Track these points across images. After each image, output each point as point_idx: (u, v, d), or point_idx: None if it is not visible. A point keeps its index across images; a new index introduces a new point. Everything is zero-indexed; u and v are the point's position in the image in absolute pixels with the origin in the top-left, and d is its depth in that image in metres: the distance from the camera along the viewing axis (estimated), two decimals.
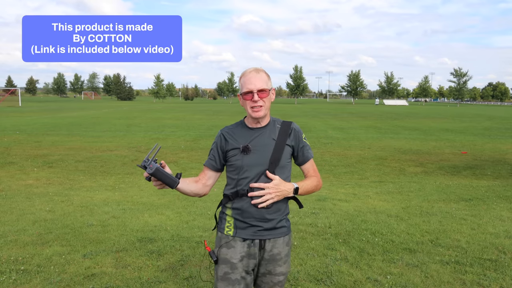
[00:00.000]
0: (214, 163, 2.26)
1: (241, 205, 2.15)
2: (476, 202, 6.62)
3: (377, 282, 3.68)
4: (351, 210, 6.08)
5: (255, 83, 2.13)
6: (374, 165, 10.67)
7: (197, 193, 2.24)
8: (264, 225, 2.15)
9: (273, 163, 2.14)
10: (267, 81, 2.19)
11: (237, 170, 2.17)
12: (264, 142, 2.18)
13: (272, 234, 2.18)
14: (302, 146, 2.28)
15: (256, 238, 2.16)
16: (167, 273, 3.86)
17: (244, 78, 2.18)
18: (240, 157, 2.15)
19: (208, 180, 2.28)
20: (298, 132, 2.27)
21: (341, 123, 26.30)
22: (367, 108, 61.54)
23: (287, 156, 2.21)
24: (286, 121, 2.28)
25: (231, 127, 2.27)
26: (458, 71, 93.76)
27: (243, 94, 2.17)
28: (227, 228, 2.19)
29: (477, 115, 39.05)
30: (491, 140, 16.53)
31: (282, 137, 2.20)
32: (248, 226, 2.15)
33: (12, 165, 10.02)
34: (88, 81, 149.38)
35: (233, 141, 2.20)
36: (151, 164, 2.00)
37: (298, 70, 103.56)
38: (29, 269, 3.87)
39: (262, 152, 2.15)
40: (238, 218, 2.16)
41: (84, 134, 17.38)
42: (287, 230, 2.25)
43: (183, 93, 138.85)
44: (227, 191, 2.22)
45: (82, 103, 70.03)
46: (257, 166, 2.14)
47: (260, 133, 2.20)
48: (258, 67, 2.22)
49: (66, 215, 5.72)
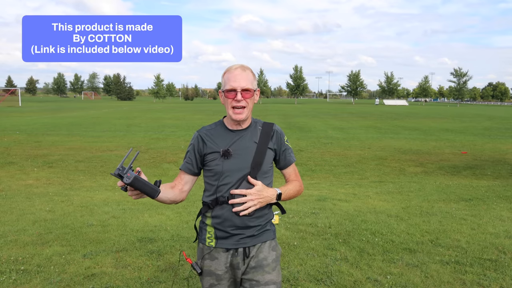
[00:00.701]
0: (191, 167, 2.09)
1: (221, 213, 2.01)
2: (476, 202, 6.62)
3: (377, 282, 3.68)
4: (351, 210, 6.08)
5: (239, 81, 1.98)
6: (374, 165, 10.67)
7: (174, 200, 2.08)
8: (246, 232, 2.02)
9: (254, 168, 2.00)
10: (253, 80, 2.04)
11: (216, 176, 2.01)
12: (245, 146, 2.03)
13: (256, 240, 2.05)
14: (284, 149, 2.14)
15: (240, 247, 2.02)
16: (167, 273, 3.86)
17: (229, 75, 2.02)
18: (220, 161, 2.00)
19: (185, 185, 2.12)
20: (280, 134, 2.14)
21: (341, 123, 26.30)
22: (367, 108, 61.54)
23: (269, 160, 2.08)
24: (268, 123, 2.15)
25: (209, 128, 2.10)
26: (458, 71, 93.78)
27: (226, 91, 2.00)
28: (208, 239, 2.05)
29: (477, 115, 39.05)
30: (491, 140, 16.53)
31: (264, 140, 2.06)
32: (229, 236, 2.02)
33: (12, 165, 10.02)
34: (88, 81, 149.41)
35: (212, 144, 2.04)
36: (128, 172, 1.78)
37: (298, 70, 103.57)
38: (29, 269, 3.87)
39: (243, 156, 2.01)
40: (219, 227, 2.02)
41: (84, 134, 17.38)
42: (272, 234, 2.13)
43: (183, 93, 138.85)
44: (206, 198, 2.06)
45: (82, 103, 70.03)
46: (238, 171, 1.99)
47: (241, 135, 2.05)
48: (244, 65, 2.06)
49: (66, 215, 5.72)
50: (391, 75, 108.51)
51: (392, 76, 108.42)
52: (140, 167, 2.02)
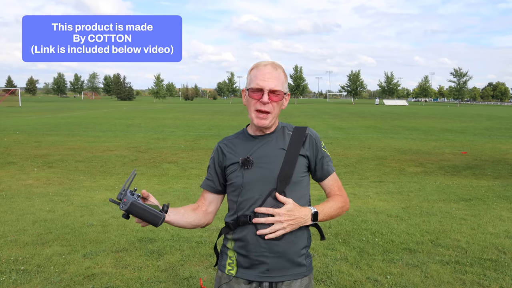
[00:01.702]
0: (212, 184, 1.82)
1: (243, 235, 1.69)
2: (476, 202, 6.62)
3: (377, 282, 3.68)
4: (351, 210, 6.08)
5: (268, 81, 1.68)
6: (374, 165, 10.67)
7: (197, 224, 1.78)
8: (274, 263, 1.68)
9: (283, 181, 1.67)
10: (284, 82, 1.73)
11: (237, 190, 1.72)
12: (270, 153, 1.72)
13: (286, 276, 1.70)
14: (321, 157, 1.80)
15: (265, 280, 1.69)
16: (167, 273, 3.86)
17: (257, 72, 1.71)
18: (240, 173, 1.70)
19: (210, 206, 1.83)
20: (315, 139, 1.79)
21: (341, 123, 26.30)
22: (367, 108, 61.53)
23: (301, 169, 1.73)
24: (300, 127, 1.80)
25: (230, 138, 1.84)
26: (458, 71, 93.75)
27: (251, 90, 1.70)
28: (229, 266, 1.75)
29: (477, 115, 39.04)
30: (491, 140, 16.53)
31: (295, 146, 1.73)
32: (254, 264, 1.69)
33: (12, 165, 10.02)
34: (88, 81, 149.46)
35: (232, 154, 1.76)
36: (125, 197, 1.52)
37: (298, 70, 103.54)
38: (29, 269, 3.87)
39: (268, 165, 1.70)
40: (241, 252, 1.71)
41: (84, 134, 17.38)
42: (307, 270, 1.76)
43: (183, 93, 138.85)
44: (228, 218, 1.78)
45: (82, 103, 70.02)
46: (261, 184, 1.68)
47: (265, 141, 1.75)
48: (276, 62, 1.76)
49: (66, 215, 5.72)
50: (391, 75, 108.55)
51: (392, 76, 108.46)
52: (140, 167, 1.93)
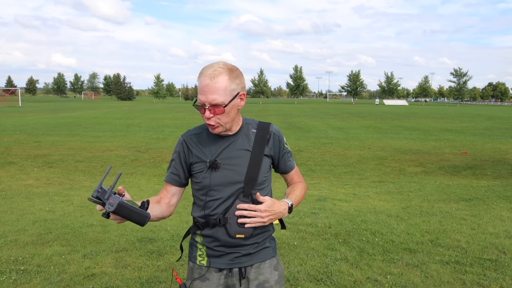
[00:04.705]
0: (177, 178, 1.82)
1: (212, 233, 1.76)
2: (476, 202, 6.62)
3: (377, 282, 3.68)
4: (351, 210, 6.08)
5: (207, 95, 1.62)
6: (374, 165, 10.67)
7: (162, 217, 1.79)
8: (241, 250, 1.76)
9: (249, 183, 1.71)
10: (226, 89, 1.62)
11: (204, 190, 1.75)
12: (235, 155, 1.74)
13: (254, 259, 1.79)
14: (283, 153, 1.85)
15: (234, 267, 1.77)
16: (167, 273, 3.86)
17: (199, 83, 1.66)
18: (207, 174, 1.72)
19: (172, 198, 1.85)
20: (278, 136, 1.83)
21: (341, 123, 26.30)
22: (367, 108, 61.53)
23: (265, 169, 1.78)
24: (263, 123, 1.83)
25: (195, 132, 1.82)
26: (458, 71, 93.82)
27: (196, 105, 1.69)
28: (200, 257, 1.81)
29: (477, 115, 39.05)
30: (491, 140, 16.53)
31: (259, 147, 1.76)
32: (223, 254, 1.76)
33: (12, 165, 10.02)
34: (88, 81, 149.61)
35: (198, 152, 1.76)
36: (111, 198, 1.45)
37: (298, 70, 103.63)
38: (29, 269, 3.87)
39: (235, 167, 1.72)
40: (210, 246, 1.77)
41: (84, 134, 17.38)
42: (272, 251, 1.85)
43: (183, 93, 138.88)
44: (196, 213, 1.81)
45: (82, 103, 70.02)
46: (229, 186, 1.71)
47: (230, 142, 1.75)
48: (217, 66, 1.64)
49: (66, 215, 5.72)
50: (391, 75, 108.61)
51: (392, 76, 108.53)
52: (140, 167, 1.94)
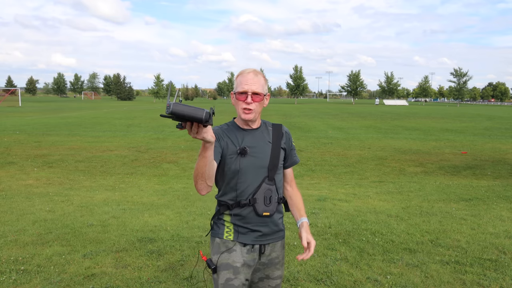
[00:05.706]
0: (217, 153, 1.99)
1: (241, 212, 2.08)
2: (476, 202, 6.62)
3: (377, 282, 3.68)
4: (351, 210, 6.08)
5: (251, 85, 2.05)
6: (374, 165, 10.67)
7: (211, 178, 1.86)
8: (264, 230, 2.11)
9: (272, 169, 2.08)
10: (264, 85, 2.10)
11: (233, 174, 2.05)
12: (259, 144, 2.11)
13: (272, 239, 2.16)
14: (291, 149, 2.25)
15: (256, 243, 2.11)
16: (167, 273, 3.86)
17: (241, 78, 2.08)
18: (237, 160, 2.04)
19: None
20: (289, 135, 2.25)
21: (341, 123, 26.30)
22: (367, 108, 61.52)
23: (282, 158, 2.17)
24: (276, 124, 2.23)
25: (224, 127, 2.14)
26: (458, 71, 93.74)
27: (238, 93, 2.08)
28: (227, 233, 2.10)
29: (477, 115, 39.04)
30: (491, 140, 16.53)
31: (277, 140, 2.15)
32: (248, 231, 2.09)
33: (12, 165, 10.02)
34: (88, 81, 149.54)
35: (229, 141, 2.07)
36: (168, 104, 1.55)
37: (298, 70, 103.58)
38: (29, 269, 3.87)
39: (260, 155, 2.08)
40: (239, 224, 2.09)
41: (84, 134, 17.38)
42: (283, 234, 2.25)
43: (183, 93, 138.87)
44: (224, 197, 2.10)
45: (82, 103, 70.02)
46: (255, 171, 2.06)
47: (254, 134, 2.12)
48: (257, 70, 2.14)
49: (66, 215, 5.72)
50: (391, 75, 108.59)
51: (392, 76, 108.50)
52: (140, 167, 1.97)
